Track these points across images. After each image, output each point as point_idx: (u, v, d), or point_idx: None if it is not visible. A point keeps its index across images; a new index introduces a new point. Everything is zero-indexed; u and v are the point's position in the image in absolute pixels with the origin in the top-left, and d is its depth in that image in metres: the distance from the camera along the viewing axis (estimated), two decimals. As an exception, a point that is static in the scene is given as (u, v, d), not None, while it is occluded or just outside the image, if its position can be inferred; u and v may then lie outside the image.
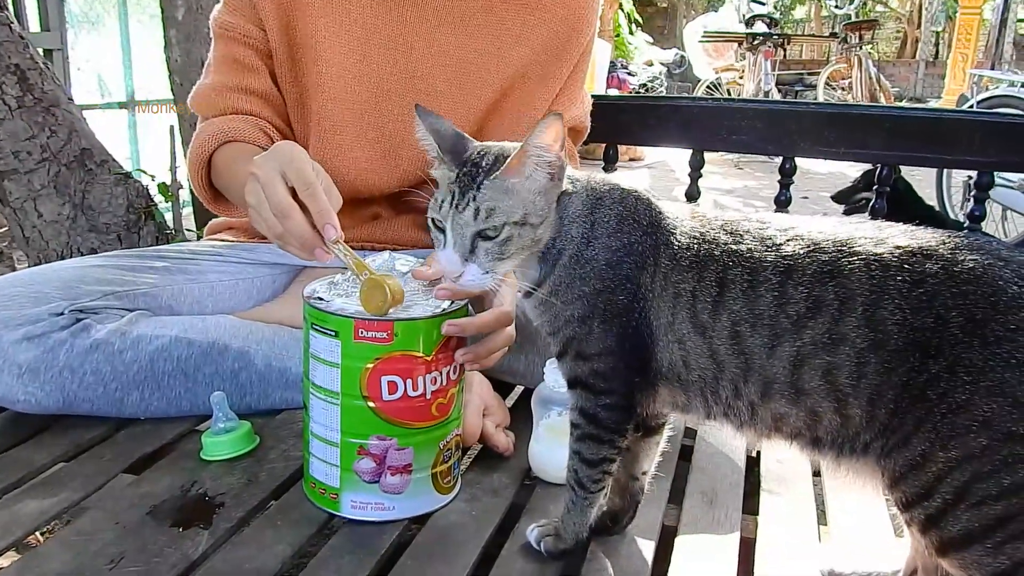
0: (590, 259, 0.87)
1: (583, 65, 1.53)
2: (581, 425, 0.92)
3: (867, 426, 0.78)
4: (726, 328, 0.81)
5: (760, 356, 0.80)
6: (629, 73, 9.04)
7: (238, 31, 1.37)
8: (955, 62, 9.67)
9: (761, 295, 0.80)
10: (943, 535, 0.76)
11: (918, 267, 0.75)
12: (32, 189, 2.51)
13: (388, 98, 1.38)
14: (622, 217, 0.88)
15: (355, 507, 1.03)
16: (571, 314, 0.89)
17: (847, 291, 0.77)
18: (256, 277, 1.44)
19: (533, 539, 0.98)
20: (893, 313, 0.75)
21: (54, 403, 1.19)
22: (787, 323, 0.78)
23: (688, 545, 1.02)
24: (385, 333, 0.97)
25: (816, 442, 0.83)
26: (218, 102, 1.38)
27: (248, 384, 1.26)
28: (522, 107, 1.46)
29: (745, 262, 0.81)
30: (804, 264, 0.79)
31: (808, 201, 5.46)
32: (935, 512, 0.75)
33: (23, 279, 1.26)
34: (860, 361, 0.76)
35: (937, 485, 0.74)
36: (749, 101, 2.04)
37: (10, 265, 3.54)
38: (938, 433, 0.74)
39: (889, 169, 1.86)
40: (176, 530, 0.99)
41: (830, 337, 0.77)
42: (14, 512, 1.01)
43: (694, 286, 0.83)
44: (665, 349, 0.86)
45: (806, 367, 0.78)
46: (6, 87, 2.41)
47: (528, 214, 0.85)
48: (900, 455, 0.76)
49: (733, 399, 0.84)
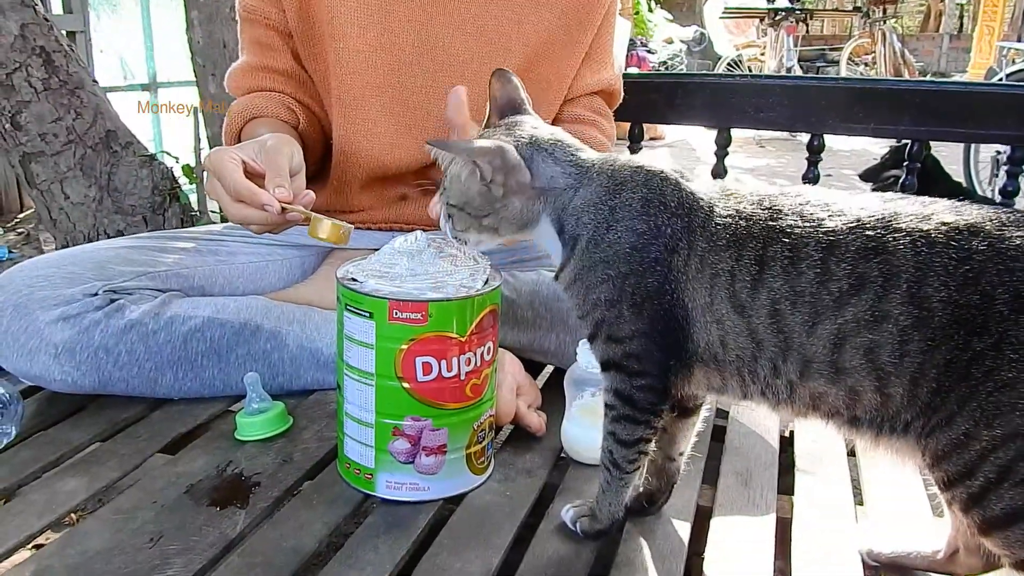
0: (613, 242, 0.86)
1: (607, 28, 1.52)
2: (616, 406, 0.91)
3: (908, 405, 0.77)
4: (765, 307, 0.80)
5: (800, 334, 0.79)
6: (649, 51, 8.97)
7: (259, 13, 1.39)
8: (981, 35, 9.50)
9: (802, 272, 0.78)
10: (986, 514, 0.75)
11: (964, 244, 0.74)
12: (59, 171, 2.53)
13: (409, 70, 1.37)
14: (647, 200, 0.86)
15: (390, 487, 1.03)
16: (598, 297, 0.88)
17: (892, 268, 0.75)
18: (286, 258, 1.45)
19: (568, 519, 0.98)
20: (938, 290, 0.73)
21: (90, 383, 1.20)
22: (829, 300, 0.77)
23: (724, 525, 1.02)
24: (420, 314, 0.97)
25: (854, 421, 0.82)
26: (245, 82, 1.41)
27: (280, 364, 1.27)
28: (551, 74, 1.45)
29: (785, 238, 0.80)
30: (847, 240, 0.77)
31: (831, 179, 5.40)
32: (978, 491, 0.74)
33: (57, 260, 1.27)
34: (903, 339, 0.75)
35: (980, 464, 0.74)
36: (776, 77, 2.02)
37: (37, 247, 3.58)
38: (983, 411, 0.73)
39: (920, 145, 1.83)
40: (213, 509, 1.00)
41: (873, 315, 0.76)
42: (54, 490, 1.03)
43: (732, 265, 0.82)
44: (702, 330, 0.85)
45: (847, 345, 0.77)
46: (32, 69, 2.42)
47: (466, 204, 0.90)
48: (943, 434, 0.75)
49: (772, 378, 0.83)
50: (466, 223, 0.92)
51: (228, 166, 1.08)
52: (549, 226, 0.91)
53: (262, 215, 1.08)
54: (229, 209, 1.10)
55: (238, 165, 1.09)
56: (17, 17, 2.39)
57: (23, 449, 1.12)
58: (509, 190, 0.89)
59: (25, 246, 3.62)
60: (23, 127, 2.44)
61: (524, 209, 0.90)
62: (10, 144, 2.47)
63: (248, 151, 1.13)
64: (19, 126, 2.44)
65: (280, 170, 1.10)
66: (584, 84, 1.52)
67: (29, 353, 1.18)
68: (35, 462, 1.09)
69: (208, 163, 1.11)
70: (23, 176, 2.56)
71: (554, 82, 1.46)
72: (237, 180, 1.07)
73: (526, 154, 0.89)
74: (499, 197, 0.89)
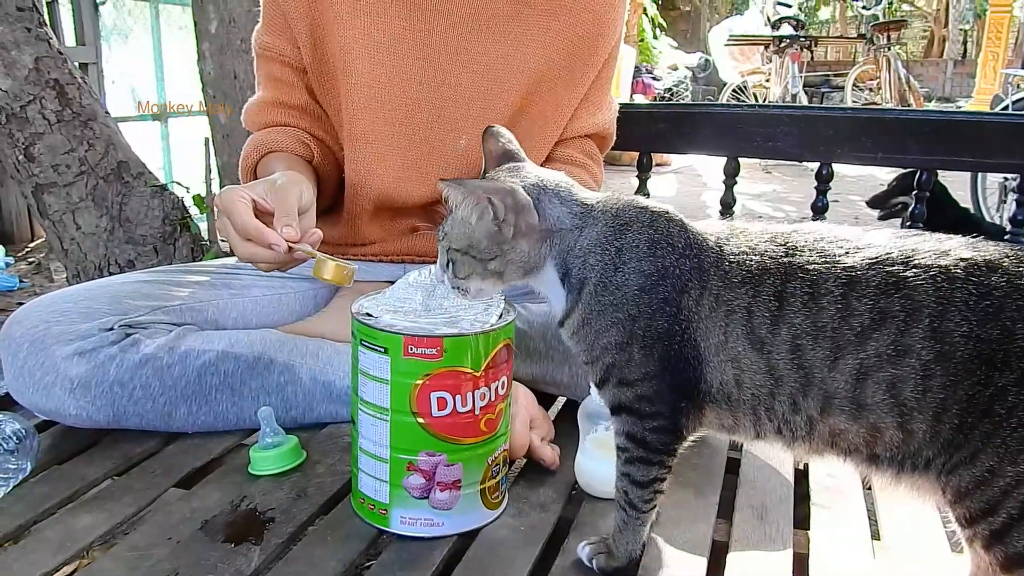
0: (621, 285, 0.86)
1: (608, 71, 1.53)
2: (629, 449, 0.91)
3: (930, 442, 0.77)
4: (786, 342, 0.80)
5: (822, 369, 0.79)
6: (654, 78, 9.03)
7: (274, 51, 1.41)
8: (986, 61, 9.54)
9: (824, 307, 0.79)
10: (1008, 551, 0.75)
11: (984, 279, 0.75)
12: (71, 202, 2.55)
13: (417, 107, 1.39)
14: (654, 241, 0.87)
15: (404, 523, 1.03)
16: (608, 341, 0.88)
17: (913, 303, 0.76)
18: (298, 291, 1.46)
19: (585, 556, 0.97)
20: (959, 325, 0.74)
21: (104, 417, 1.21)
22: (851, 335, 0.78)
23: (741, 561, 1.01)
24: (434, 349, 0.97)
25: (874, 458, 0.82)
26: (261, 117, 1.43)
27: (293, 398, 1.27)
28: (549, 110, 1.47)
29: (804, 274, 0.80)
30: (868, 276, 0.78)
31: (838, 204, 5.39)
32: (1000, 527, 0.74)
33: (73, 295, 1.28)
34: (926, 374, 0.75)
35: (1004, 500, 0.74)
36: (784, 107, 2.03)
37: (48, 277, 3.59)
38: (1008, 448, 0.73)
39: (929, 174, 1.83)
40: (228, 546, 0.99)
41: (896, 349, 0.76)
42: (69, 527, 1.03)
43: (749, 302, 0.82)
44: (716, 369, 0.85)
45: (870, 380, 0.77)
46: (46, 102, 2.45)
47: (471, 247, 0.89)
48: (967, 471, 0.75)
49: (791, 414, 0.83)
50: (470, 268, 0.90)
51: (238, 206, 1.09)
52: (553, 271, 0.91)
53: (270, 254, 1.09)
54: (238, 248, 1.11)
55: (248, 204, 1.10)
56: (31, 50, 2.42)
57: (38, 485, 1.12)
58: (518, 231, 0.88)
59: (36, 275, 3.64)
60: (36, 159, 2.47)
61: (531, 251, 0.89)
62: (23, 175, 2.50)
63: (259, 190, 1.14)
64: (32, 157, 2.47)
65: (289, 209, 1.11)
66: (579, 126, 1.53)
67: (45, 388, 1.18)
68: (50, 498, 1.09)
69: (219, 202, 1.12)
70: (35, 207, 2.58)
71: (551, 117, 1.47)
72: (246, 220, 1.09)
73: (533, 195, 0.88)
74: (508, 239, 0.88)
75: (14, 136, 2.43)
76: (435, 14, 1.36)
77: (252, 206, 1.11)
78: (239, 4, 2.87)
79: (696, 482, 1.18)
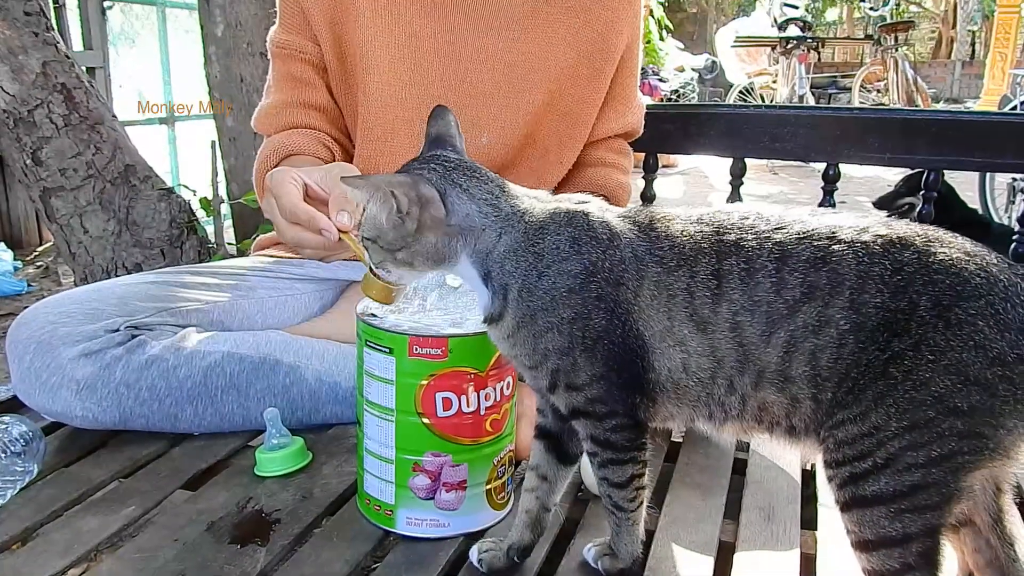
0: (548, 289, 0.84)
1: (631, 68, 1.53)
2: (597, 453, 0.90)
3: (829, 407, 0.80)
4: (727, 320, 0.81)
5: (758, 346, 0.80)
6: (660, 79, 9.01)
7: (294, 48, 1.40)
8: (994, 62, 9.51)
9: (759, 282, 0.80)
10: (857, 492, 0.77)
11: (898, 255, 0.78)
12: (78, 205, 2.56)
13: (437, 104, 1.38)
14: (575, 238, 0.85)
15: (410, 524, 1.03)
16: (548, 346, 0.86)
17: (838, 276, 0.78)
18: (304, 293, 1.46)
19: (591, 558, 0.97)
20: (874, 296, 0.77)
21: (110, 419, 1.21)
22: (783, 309, 0.79)
23: (748, 561, 1.01)
24: (440, 350, 0.97)
25: (791, 430, 0.84)
26: (278, 119, 1.41)
27: (299, 399, 1.27)
28: (575, 108, 1.47)
29: (739, 251, 0.81)
30: (798, 251, 0.79)
31: (845, 206, 5.37)
32: (861, 472, 0.77)
33: (79, 296, 1.28)
34: (840, 343, 0.78)
35: (876, 450, 0.76)
36: (791, 107, 2.02)
37: (56, 280, 3.61)
38: (898, 407, 0.76)
39: (937, 174, 1.83)
40: (234, 547, 0.99)
41: (818, 320, 0.78)
42: (76, 529, 1.03)
43: (688, 283, 0.82)
44: (663, 356, 0.84)
45: (796, 352, 0.79)
46: (53, 106, 2.46)
47: (379, 237, 0.86)
48: (854, 426, 0.77)
49: (726, 395, 0.83)
50: (380, 256, 0.88)
51: (288, 187, 1.08)
52: (471, 267, 0.87)
53: (318, 240, 1.08)
54: (283, 231, 1.10)
55: (299, 188, 1.09)
56: (39, 55, 2.43)
57: (45, 487, 1.12)
58: (423, 225, 0.84)
59: (44, 279, 3.65)
60: (44, 163, 2.48)
61: (440, 244, 0.86)
62: (31, 179, 2.51)
63: (315, 176, 1.12)
64: (40, 161, 2.48)
65: (347, 193, 1.09)
66: (609, 127, 1.53)
67: (51, 389, 1.18)
68: (57, 500, 1.09)
69: (269, 181, 1.11)
70: (43, 210, 2.59)
71: (578, 116, 1.47)
72: (295, 203, 1.08)
73: (440, 188, 0.85)
74: (411, 232, 0.85)
75: (22, 140, 2.45)
76: (455, 12, 1.36)
77: (304, 191, 1.10)
78: (246, 8, 2.88)
79: (703, 483, 1.18)
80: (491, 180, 0.88)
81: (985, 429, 0.75)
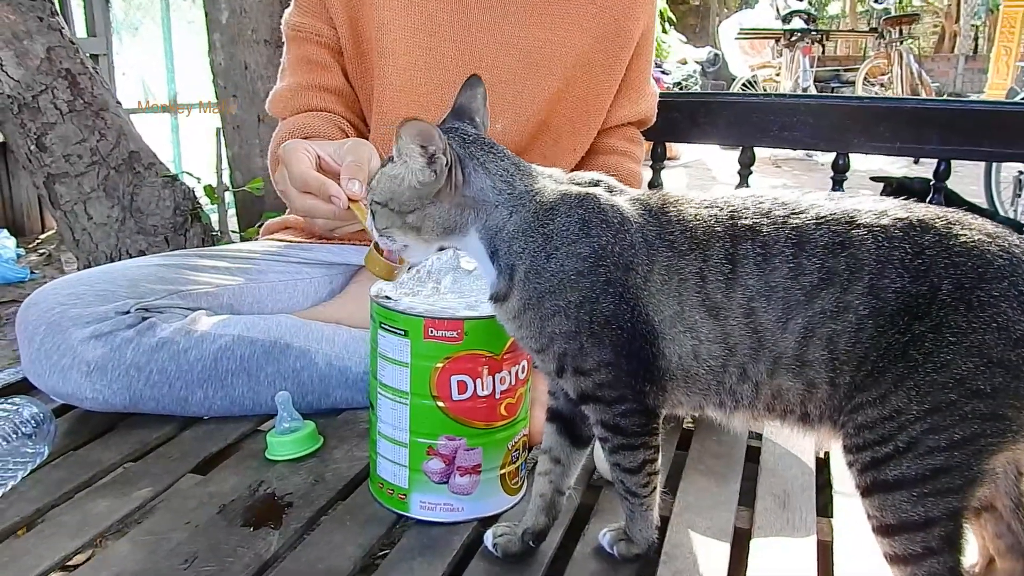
0: (556, 271, 0.83)
1: (645, 56, 1.53)
2: (608, 438, 0.89)
3: (847, 392, 0.79)
4: (741, 306, 0.79)
5: (773, 332, 0.79)
6: (663, 72, 8.98)
7: (310, 31, 1.39)
8: (998, 56, 9.46)
9: (776, 267, 0.78)
10: (878, 477, 0.77)
11: (918, 239, 0.77)
12: (82, 192, 2.54)
13: (452, 89, 1.36)
14: (586, 221, 0.83)
15: (424, 508, 1.02)
16: (554, 329, 0.84)
17: (857, 261, 0.77)
18: (313, 277, 1.45)
19: (606, 543, 0.96)
20: (895, 281, 0.76)
21: (121, 401, 1.20)
22: (800, 295, 0.78)
23: (764, 549, 1.00)
24: (455, 332, 0.96)
25: (805, 417, 0.83)
26: (294, 102, 1.40)
27: (309, 383, 1.26)
28: (589, 95, 1.46)
29: (755, 236, 0.80)
30: (816, 236, 0.78)
31: (850, 199, 5.37)
32: (882, 456, 0.76)
33: (89, 278, 1.27)
34: (859, 328, 0.77)
35: (897, 434, 0.75)
36: (800, 96, 2.01)
37: (59, 268, 3.60)
38: (919, 389, 0.75)
39: (947, 164, 1.81)
40: (247, 530, 0.99)
41: (837, 306, 0.77)
42: (86, 511, 1.02)
43: (701, 267, 0.80)
44: (673, 342, 0.82)
45: (814, 338, 0.78)
46: (58, 92, 2.44)
47: (391, 199, 0.85)
48: (873, 410, 0.76)
49: (738, 383, 0.82)
50: (388, 220, 0.86)
51: (299, 155, 1.08)
52: (478, 242, 0.87)
53: (328, 208, 1.08)
54: (295, 201, 1.11)
55: (312, 157, 1.10)
56: (43, 40, 2.41)
57: (55, 469, 1.12)
58: (443, 188, 0.83)
59: (47, 266, 3.64)
60: (48, 148, 2.46)
61: (451, 213, 0.85)
62: (35, 165, 2.49)
63: (327, 148, 1.13)
64: (44, 147, 2.46)
65: (360, 162, 1.07)
66: (621, 115, 1.53)
67: (62, 371, 1.18)
68: (67, 482, 1.08)
69: (282, 151, 1.11)
70: (47, 197, 2.58)
71: (592, 103, 1.46)
72: (305, 171, 1.08)
73: (460, 156, 0.84)
74: (431, 190, 0.83)
75: (26, 126, 2.43)
76: None
77: (316, 161, 1.10)
78: (251, -6, 2.86)
79: (717, 470, 1.17)
80: (507, 157, 0.88)
81: (1008, 411, 0.74)
